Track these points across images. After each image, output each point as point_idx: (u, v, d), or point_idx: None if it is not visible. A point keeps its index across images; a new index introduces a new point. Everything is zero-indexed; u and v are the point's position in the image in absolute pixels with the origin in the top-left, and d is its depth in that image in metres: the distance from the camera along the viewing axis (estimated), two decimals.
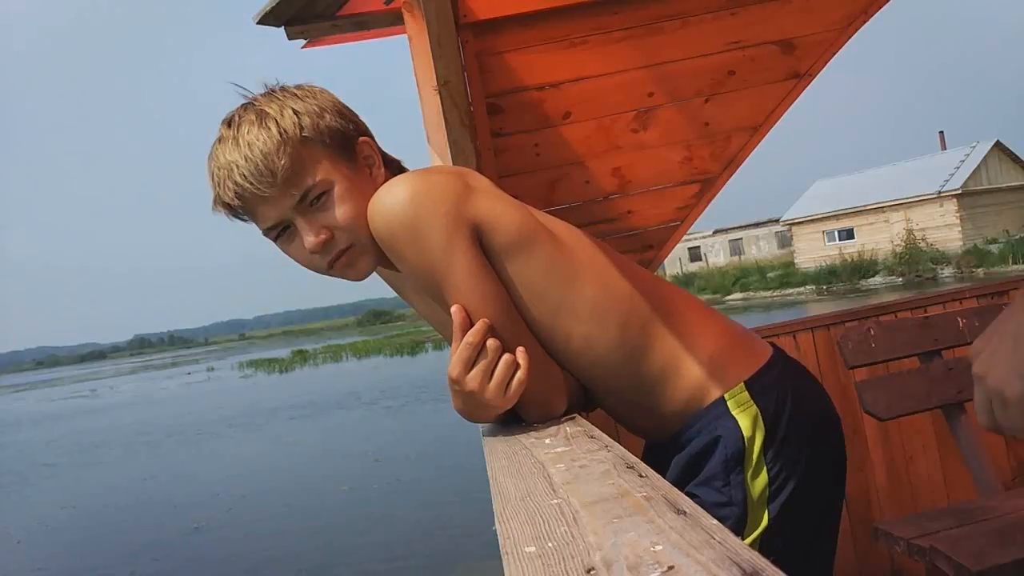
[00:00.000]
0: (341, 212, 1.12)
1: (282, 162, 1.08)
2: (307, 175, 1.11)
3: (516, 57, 2.33)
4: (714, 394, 1.17)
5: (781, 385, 1.19)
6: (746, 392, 1.16)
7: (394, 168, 1.23)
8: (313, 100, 1.14)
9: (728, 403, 1.16)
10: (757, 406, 1.16)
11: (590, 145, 2.46)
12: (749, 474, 1.14)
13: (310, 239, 1.12)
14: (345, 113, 1.17)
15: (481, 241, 1.09)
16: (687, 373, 1.17)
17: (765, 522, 1.14)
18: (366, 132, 1.20)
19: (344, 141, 1.15)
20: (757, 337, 1.28)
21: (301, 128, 1.11)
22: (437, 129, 2.03)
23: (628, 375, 1.18)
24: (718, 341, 1.20)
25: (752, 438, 1.14)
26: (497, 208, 1.11)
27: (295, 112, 1.12)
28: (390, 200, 1.07)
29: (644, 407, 1.22)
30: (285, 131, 1.10)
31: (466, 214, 1.08)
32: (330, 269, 1.16)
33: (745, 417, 1.15)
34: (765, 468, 1.14)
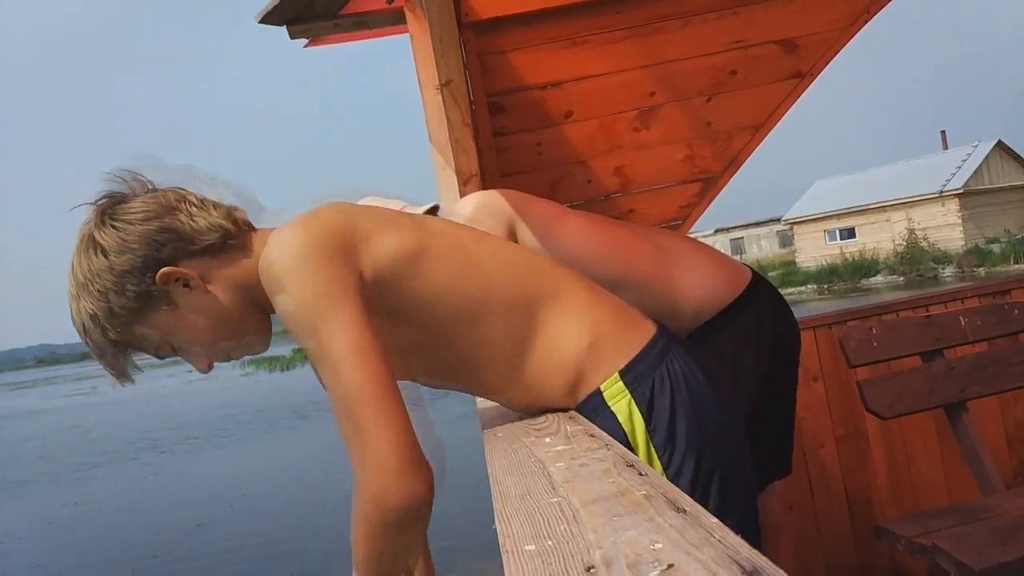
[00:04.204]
0: (197, 346, 1.17)
1: (108, 354, 1.16)
2: (141, 347, 1.18)
3: (518, 56, 2.33)
4: (592, 385, 1.15)
5: (658, 368, 1.16)
6: (620, 382, 1.14)
7: (233, 237, 1.17)
8: (99, 282, 1.12)
9: (604, 394, 1.14)
10: (631, 395, 1.14)
11: (592, 144, 2.46)
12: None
13: (198, 369, 1.20)
14: (136, 263, 1.12)
15: (368, 279, 1.07)
16: (568, 363, 1.15)
17: None
18: (170, 255, 1.12)
19: (148, 298, 1.13)
20: (643, 318, 1.25)
21: (104, 331, 1.14)
22: (439, 128, 2.03)
23: (520, 370, 1.16)
24: (600, 326, 1.18)
25: (633, 430, 1.13)
26: (380, 243, 1.09)
27: (91, 318, 1.13)
28: (275, 252, 1.05)
29: (537, 404, 1.20)
30: (93, 341, 1.16)
31: (350, 259, 1.05)
32: (233, 361, 1.26)
33: (621, 408, 1.13)
34: (656, 457, 1.13)
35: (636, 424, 1.13)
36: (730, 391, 1.48)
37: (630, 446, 1.13)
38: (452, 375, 1.23)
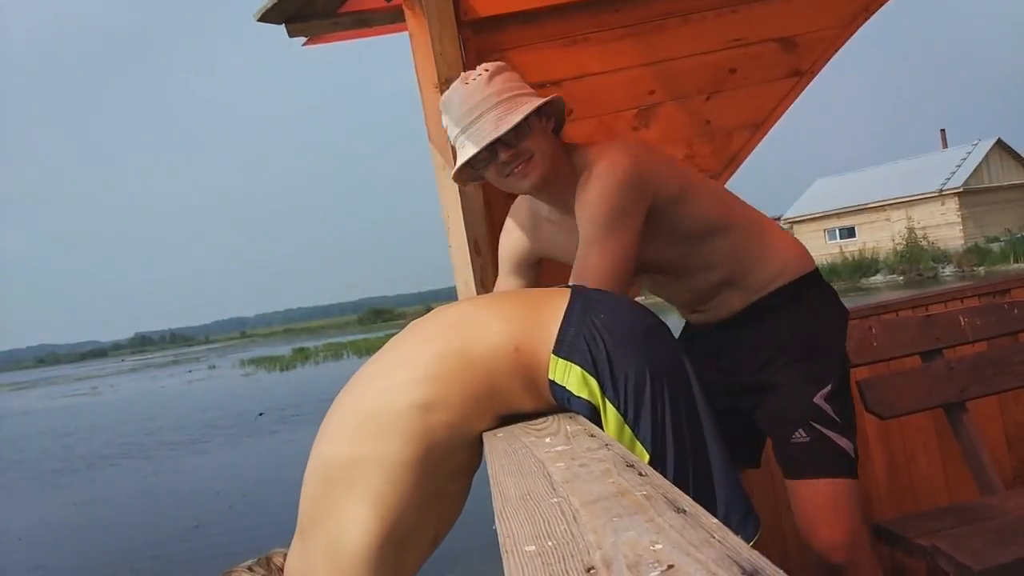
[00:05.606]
0: None
1: None
2: None
3: (517, 54, 2.32)
4: (544, 378, 1.18)
5: (584, 326, 1.18)
6: (560, 360, 1.17)
7: None
8: None
9: (556, 381, 1.17)
10: (574, 363, 1.16)
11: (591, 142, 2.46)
12: (606, 424, 1.15)
13: None
14: None
15: None
16: (513, 374, 1.19)
17: (646, 455, 1.14)
18: None
19: None
20: (551, 294, 1.27)
21: None
22: (438, 127, 2.03)
23: (492, 405, 1.20)
24: (514, 326, 1.21)
25: (594, 394, 1.15)
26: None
27: None
28: None
29: (531, 414, 1.23)
30: None
31: None
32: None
33: (573, 381, 1.16)
34: (611, 406, 1.15)
35: (591, 387, 1.16)
36: (810, 353, 1.69)
37: (596, 411, 1.15)
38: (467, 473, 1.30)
